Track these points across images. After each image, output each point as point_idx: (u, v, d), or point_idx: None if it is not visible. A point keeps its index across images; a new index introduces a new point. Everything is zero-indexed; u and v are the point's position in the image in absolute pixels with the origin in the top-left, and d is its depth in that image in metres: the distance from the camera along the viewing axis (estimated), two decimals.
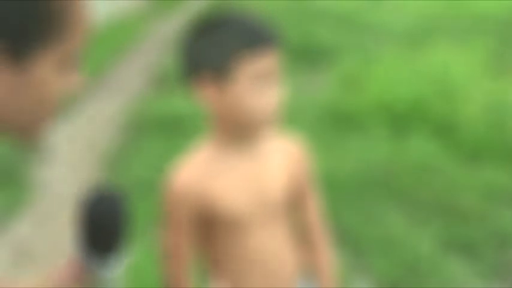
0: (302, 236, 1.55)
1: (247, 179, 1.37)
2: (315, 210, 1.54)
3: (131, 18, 12.46)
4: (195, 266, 1.47)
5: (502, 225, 3.66)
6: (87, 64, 8.03)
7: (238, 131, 1.34)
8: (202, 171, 1.35)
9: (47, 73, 0.77)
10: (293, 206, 1.51)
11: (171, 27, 12.24)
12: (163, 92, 6.70)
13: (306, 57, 7.76)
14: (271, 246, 1.42)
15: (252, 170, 1.38)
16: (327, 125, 5.21)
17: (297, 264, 1.50)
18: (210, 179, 1.35)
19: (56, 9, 0.75)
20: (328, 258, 1.57)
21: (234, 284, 1.44)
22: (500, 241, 3.53)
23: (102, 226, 1.02)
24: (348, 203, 3.89)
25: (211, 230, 1.39)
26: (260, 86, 1.28)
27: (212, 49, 1.27)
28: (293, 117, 5.14)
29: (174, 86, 7.01)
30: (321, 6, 10.91)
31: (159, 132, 5.20)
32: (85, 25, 0.80)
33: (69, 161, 4.66)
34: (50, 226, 3.64)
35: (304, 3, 11.02)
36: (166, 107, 5.84)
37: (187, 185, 1.34)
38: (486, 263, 3.32)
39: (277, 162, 1.42)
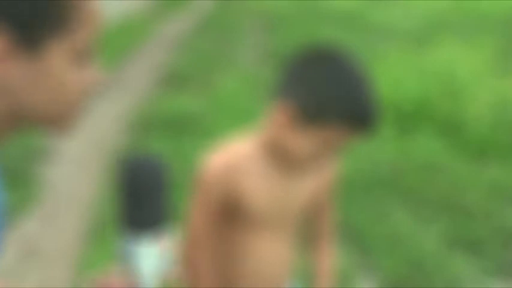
0: (310, 240, 1.63)
1: (276, 188, 1.45)
2: (329, 220, 1.61)
3: (139, 18, 12.50)
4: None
5: (507, 222, 3.67)
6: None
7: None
8: (241, 164, 1.43)
9: (61, 62, 0.85)
10: (308, 215, 1.59)
11: (178, 27, 12.28)
12: (170, 91, 6.73)
13: None
14: (274, 252, 1.50)
15: (283, 182, 1.46)
16: None
17: (290, 266, 1.55)
18: (245, 173, 1.42)
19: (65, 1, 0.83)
20: (331, 262, 1.64)
21: (229, 279, 1.51)
22: (506, 238, 3.54)
23: (144, 190, 0.96)
24: (354, 201, 3.91)
25: (227, 222, 1.46)
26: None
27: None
28: None
29: (182, 85, 7.04)
30: (326, 6, 10.92)
31: (167, 131, 5.23)
32: (95, 19, 0.87)
33: (77, 160, 4.70)
34: (58, 224, 3.67)
35: (309, 3, 11.03)
36: (173, 106, 5.87)
37: (224, 170, 1.42)
38: (492, 260, 3.33)
39: (308, 181, 1.49)
